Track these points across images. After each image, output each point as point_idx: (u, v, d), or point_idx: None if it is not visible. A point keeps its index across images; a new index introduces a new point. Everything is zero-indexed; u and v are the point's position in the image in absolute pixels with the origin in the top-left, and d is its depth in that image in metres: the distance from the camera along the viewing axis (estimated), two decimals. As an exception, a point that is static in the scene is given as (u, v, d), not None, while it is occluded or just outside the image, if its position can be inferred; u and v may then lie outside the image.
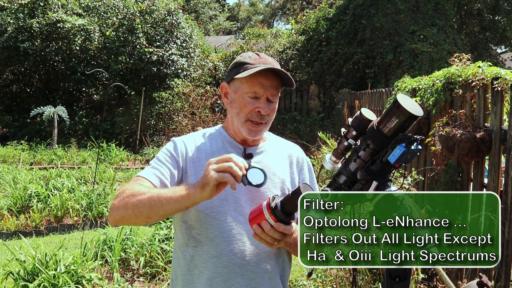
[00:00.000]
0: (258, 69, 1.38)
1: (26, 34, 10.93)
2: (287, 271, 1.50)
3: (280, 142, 1.60)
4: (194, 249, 1.41)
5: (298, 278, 3.68)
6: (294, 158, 1.56)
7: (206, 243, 1.39)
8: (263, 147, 1.52)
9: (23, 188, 5.75)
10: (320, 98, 13.15)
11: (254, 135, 1.44)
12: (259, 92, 1.41)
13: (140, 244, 4.10)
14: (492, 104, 3.12)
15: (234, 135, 1.50)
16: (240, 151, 1.48)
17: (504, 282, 2.90)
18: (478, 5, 12.75)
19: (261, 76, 1.41)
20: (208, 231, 1.39)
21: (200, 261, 1.40)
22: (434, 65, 10.38)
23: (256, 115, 1.42)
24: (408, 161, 1.23)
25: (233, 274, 1.38)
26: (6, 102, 12.25)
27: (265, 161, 1.49)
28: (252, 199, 1.42)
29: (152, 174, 1.39)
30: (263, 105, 1.41)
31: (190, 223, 1.41)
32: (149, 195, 1.27)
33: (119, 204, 1.30)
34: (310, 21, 13.81)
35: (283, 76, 1.43)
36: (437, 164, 3.75)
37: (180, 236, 1.45)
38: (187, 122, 10.50)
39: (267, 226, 1.25)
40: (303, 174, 1.56)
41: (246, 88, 1.42)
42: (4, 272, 3.44)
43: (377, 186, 1.24)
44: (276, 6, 37.69)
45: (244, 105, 1.42)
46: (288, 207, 1.25)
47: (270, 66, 1.40)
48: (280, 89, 1.48)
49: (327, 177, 5.55)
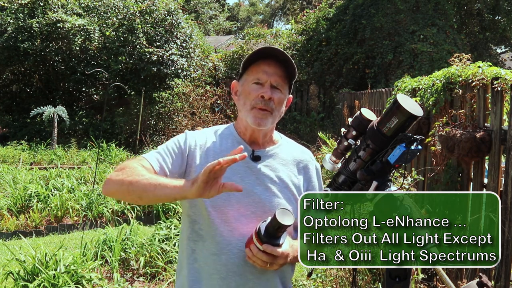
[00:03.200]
0: (258, 48, 1.44)
1: (26, 34, 10.92)
2: (288, 273, 1.50)
3: (292, 146, 1.59)
4: (195, 243, 1.43)
5: (298, 278, 3.68)
6: (304, 165, 1.55)
7: (207, 239, 1.41)
8: (272, 150, 1.52)
9: (23, 188, 5.75)
10: (320, 98, 13.15)
11: (260, 122, 1.43)
12: (262, 78, 1.43)
13: (140, 244, 4.10)
14: (492, 104, 3.12)
15: (244, 134, 1.50)
16: (248, 152, 1.46)
17: (504, 282, 2.90)
18: (478, 5, 12.74)
19: (264, 64, 1.44)
20: (210, 228, 1.40)
21: (201, 256, 1.42)
22: (434, 65, 10.38)
23: (260, 101, 1.43)
24: (408, 161, 1.23)
25: (231, 273, 1.39)
26: (6, 102, 12.24)
27: (273, 165, 1.49)
28: (258, 201, 1.43)
29: (155, 159, 1.42)
30: (266, 90, 1.42)
31: (194, 218, 1.44)
32: (147, 177, 1.30)
33: (116, 179, 1.34)
34: (310, 21, 13.81)
35: (286, 62, 1.44)
36: (437, 164, 3.75)
37: (185, 228, 1.48)
38: (187, 122, 10.50)
39: (255, 249, 1.32)
40: (312, 183, 1.55)
41: (251, 77, 1.45)
42: (4, 272, 3.43)
43: (377, 186, 1.24)
44: (276, 6, 37.68)
45: (249, 93, 1.44)
46: (271, 231, 1.30)
47: (268, 46, 1.44)
48: (286, 80, 1.48)
49: (327, 177, 5.55)
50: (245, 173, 1.45)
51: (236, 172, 1.42)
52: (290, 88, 1.52)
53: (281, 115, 1.51)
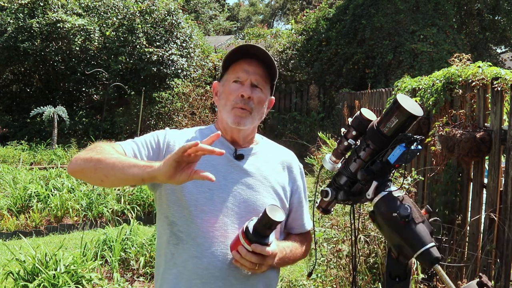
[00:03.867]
0: (237, 46, 1.41)
1: (26, 34, 10.92)
2: (273, 279, 1.44)
3: (274, 147, 1.57)
4: (175, 247, 1.35)
5: (298, 278, 3.68)
6: (288, 165, 1.53)
7: (188, 241, 1.33)
8: (255, 149, 1.48)
9: (23, 188, 5.75)
10: (320, 98, 13.15)
11: (239, 121, 1.38)
12: (242, 76, 1.40)
13: (140, 244, 4.10)
14: (492, 104, 3.12)
15: (224, 134, 1.45)
16: (231, 151, 1.43)
17: (504, 282, 2.90)
18: (478, 5, 12.75)
19: (245, 63, 1.41)
20: (191, 229, 1.33)
21: (181, 260, 1.34)
22: (434, 65, 10.38)
23: (240, 100, 1.38)
24: (408, 161, 1.23)
25: (213, 278, 1.31)
26: (6, 102, 12.24)
27: (257, 164, 1.45)
28: (242, 201, 1.38)
29: (130, 147, 1.36)
30: (246, 88, 1.39)
31: (172, 219, 1.36)
32: (116, 156, 1.23)
33: (85, 156, 1.26)
34: (310, 21, 13.81)
35: (267, 62, 1.41)
36: (437, 164, 3.75)
37: (162, 232, 1.40)
38: (187, 122, 10.50)
39: (243, 250, 1.25)
40: (297, 182, 1.53)
41: (231, 76, 1.42)
42: (4, 272, 3.43)
43: (377, 186, 1.24)
44: (276, 6, 37.69)
45: (229, 93, 1.40)
46: (260, 230, 1.25)
47: (249, 44, 1.41)
48: (268, 80, 1.44)
49: (327, 177, 5.55)
50: (228, 172, 1.40)
51: (219, 171, 1.36)
52: (272, 89, 1.48)
53: (262, 116, 1.46)
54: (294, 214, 1.52)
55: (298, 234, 1.54)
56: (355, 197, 1.40)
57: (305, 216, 1.55)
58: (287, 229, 1.53)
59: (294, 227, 1.53)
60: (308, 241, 1.57)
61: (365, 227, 3.21)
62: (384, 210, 1.21)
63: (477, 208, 3.28)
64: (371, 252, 3.17)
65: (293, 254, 1.45)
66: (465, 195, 3.48)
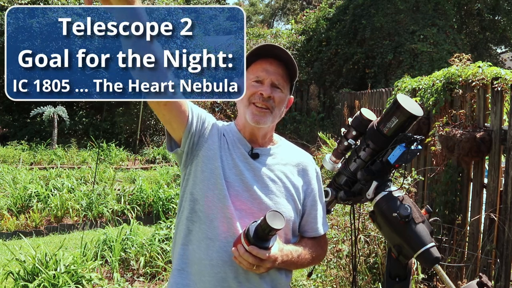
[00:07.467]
0: (259, 45, 1.43)
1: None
2: (281, 279, 1.44)
3: (292, 149, 1.57)
4: (193, 224, 1.40)
5: (298, 278, 3.68)
6: (304, 167, 1.52)
7: (205, 222, 1.38)
8: (272, 149, 1.49)
9: (23, 188, 5.75)
10: (320, 98, 13.15)
11: (258, 120, 1.41)
12: (262, 75, 1.42)
13: (140, 244, 4.10)
14: (492, 104, 3.12)
15: (243, 131, 1.48)
16: (247, 149, 1.45)
17: (504, 282, 2.90)
18: (478, 5, 12.74)
19: (266, 62, 1.43)
20: (211, 210, 1.37)
21: (195, 238, 1.39)
22: (434, 65, 10.38)
23: (258, 98, 1.41)
24: (408, 161, 1.23)
25: (221, 262, 1.35)
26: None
27: (272, 164, 1.46)
28: (254, 198, 1.39)
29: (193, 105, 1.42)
30: (266, 88, 1.41)
31: (196, 197, 1.40)
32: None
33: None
34: (310, 21, 13.81)
35: (287, 62, 1.43)
36: (437, 164, 3.75)
37: (185, 207, 1.43)
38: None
39: (242, 250, 1.28)
40: (312, 185, 1.51)
41: (251, 75, 1.44)
42: (4, 272, 3.43)
43: (377, 186, 1.24)
44: (276, 6, 37.68)
45: (249, 92, 1.42)
46: (260, 233, 1.26)
47: (271, 44, 1.43)
48: (288, 80, 1.46)
49: (327, 177, 5.55)
50: (244, 168, 1.42)
51: (235, 165, 1.41)
52: (291, 89, 1.50)
53: (281, 115, 1.49)
54: (307, 216, 1.50)
55: (311, 238, 1.51)
56: (355, 197, 1.40)
57: (319, 220, 1.52)
58: (300, 232, 1.51)
59: (307, 230, 1.51)
60: (322, 245, 1.54)
61: (365, 227, 3.21)
62: (384, 210, 1.21)
63: (477, 208, 3.28)
64: (371, 252, 3.16)
65: (300, 259, 1.43)
66: (465, 195, 3.48)
